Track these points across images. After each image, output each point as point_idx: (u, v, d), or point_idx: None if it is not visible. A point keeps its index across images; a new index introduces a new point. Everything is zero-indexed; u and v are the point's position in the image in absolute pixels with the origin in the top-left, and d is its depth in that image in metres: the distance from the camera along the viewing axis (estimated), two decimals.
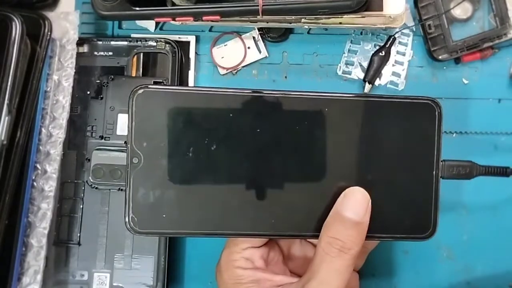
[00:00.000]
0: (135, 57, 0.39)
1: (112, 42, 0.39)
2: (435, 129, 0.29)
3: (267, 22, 0.37)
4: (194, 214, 0.28)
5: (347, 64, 0.39)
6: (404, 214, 0.29)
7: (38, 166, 0.35)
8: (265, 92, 0.28)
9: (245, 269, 0.31)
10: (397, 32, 0.38)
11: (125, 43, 0.39)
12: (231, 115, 0.28)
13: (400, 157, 0.29)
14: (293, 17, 0.36)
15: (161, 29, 0.40)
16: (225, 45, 0.40)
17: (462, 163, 0.30)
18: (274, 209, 0.28)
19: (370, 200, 0.28)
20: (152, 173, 0.27)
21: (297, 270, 0.33)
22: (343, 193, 0.28)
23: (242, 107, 0.28)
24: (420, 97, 0.29)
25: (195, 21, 0.35)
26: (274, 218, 0.28)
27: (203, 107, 0.28)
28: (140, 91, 0.27)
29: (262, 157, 0.28)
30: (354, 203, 0.28)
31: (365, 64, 0.39)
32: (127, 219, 0.27)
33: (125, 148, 0.37)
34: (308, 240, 0.33)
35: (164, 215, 0.27)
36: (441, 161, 0.29)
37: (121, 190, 0.37)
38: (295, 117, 0.28)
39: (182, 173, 0.27)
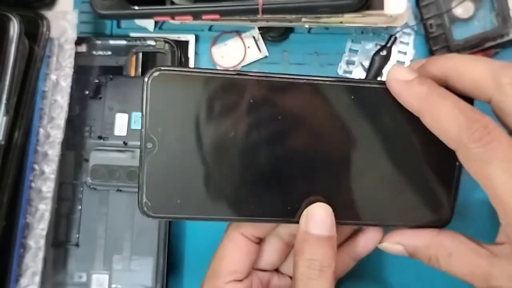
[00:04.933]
0: (134, 56, 0.38)
1: (111, 42, 0.39)
2: None
3: (267, 21, 0.37)
4: (208, 199, 0.27)
5: (348, 63, 0.39)
6: (422, 201, 0.28)
7: (36, 166, 0.35)
8: (283, 76, 0.27)
9: None
10: (398, 32, 0.38)
11: (124, 42, 0.39)
12: (251, 100, 0.27)
13: (421, 143, 0.28)
14: (293, 16, 0.35)
15: (160, 28, 0.40)
16: (224, 45, 0.40)
17: None
18: (285, 195, 0.28)
19: (333, 213, 0.27)
20: (167, 158, 0.27)
21: None
22: (304, 213, 0.27)
23: (259, 92, 0.27)
24: None
25: (194, 20, 0.35)
26: (286, 203, 0.28)
27: (220, 91, 0.27)
28: (156, 73, 0.26)
29: (277, 145, 0.27)
30: (320, 220, 0.27)
31: (366, 64, 0.39)
32: (140, 204, 0.27)
33: (124, 149, 0.37)
34: (284, 273, 0.33)
35: (178, 200, 0.27)
36: None
37: (120, 191, 0.37)
38: (314, 103, 0.27)
39: (196, 159, 0.27)
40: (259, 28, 0.39)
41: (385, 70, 0.38)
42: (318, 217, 0.27)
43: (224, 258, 0.30)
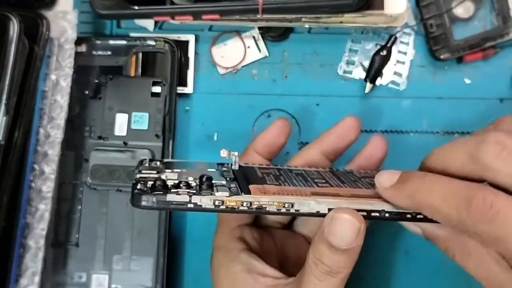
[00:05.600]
0: (134, 56, 0.38)
1: (111, 41, 0.39)
2: None
3: (267, 21, 0.37)
4: None
5: (348, 63, 0.39)
6: None
7: (36, 166, 0.35)
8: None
9: (239, 252, 0.29)
10: (398, 31, 0.38)
11: (124, 42, 0.38)
12: None
13: None
14: (293, 16, 0.35)
15: (160, 28, 0.40)
16: (224, 45, 0.40)
17: None
18: None
19: (363, 224, 0.25)
20: None
21: (289, 268, 0.31)
22: (330, 215, 0.25)
23: None
24: None
25: (194, 20, 0.35)
26: None
27: None
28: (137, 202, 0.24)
29: None
30: (341, 230, 0.25)
31: (366, 64, 0.39)
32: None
33: (124, 149, 0.37)
34: (297, 231, 0.33)
35: None
36: None
37: (120, 190, 0.37)
38: None
39: None
40: (259, 28, 0.39)
41: (385, 70, 0.38)
42: (339, 229, 0.25)
43: None
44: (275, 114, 0.39)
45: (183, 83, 0.39)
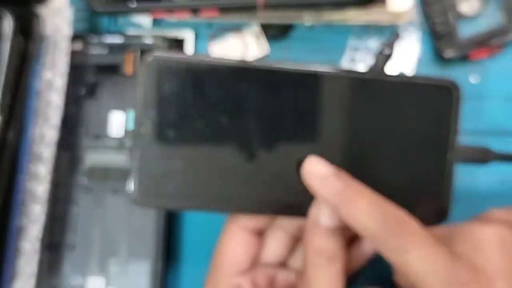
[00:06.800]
0: (131, 54, 0.38)
1: (107, 39, 0.38)
2: (451, 111, 0.28)
3: (268, 18, 0.37)
4: (199, 188, 0.27)
5: (350, 61, 0.39)
6: (415, 199, 0.28)
7: (30, 167, 0.34)
8: (276, 66, 0.27)
9: None
10: (402, 29, 0.38)
11: (121, 40, 0.38)
12: (242, 87, 0.27)
13: (411, 139, 0.28)
14: (295, 12, 0.35)
15: (157, 26, 0.39)
16: (224, 42, 0.39)
17: (477, 147, 0.30)
18: (282, 188, 0.27)
19: None
20: (159, 143, 0.27)
21: None
22: (314, 203, 0.27)
23: (252, 80, 0.27)
24: (437, 79, 0.28)
25: (192, 16, 0.34)
26: (282, 196, 0.28)
27: (214, 77, 0.27)
28: (150, 58, 0.26)
29: (273, 134, 0.27)
30: (329, 210, 0.27)
31: (369, 61, 0.38)
32: (130, 191, 0.27)
33: (120, 149, 0.37)
34: (291, 267, 0.32)
35: (168, 187, 0.27)
36: (456, 145, 0.28)
37: (116, 192, 0.36)
38: (305, 93, 0.27)
39: (189, 145, 0.27)
40: (260, 25, 0.39)
41: (387, 68, 0.38)
42: (329, 207, 0.27)
43: (224, 252, 0.30)
44: None
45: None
